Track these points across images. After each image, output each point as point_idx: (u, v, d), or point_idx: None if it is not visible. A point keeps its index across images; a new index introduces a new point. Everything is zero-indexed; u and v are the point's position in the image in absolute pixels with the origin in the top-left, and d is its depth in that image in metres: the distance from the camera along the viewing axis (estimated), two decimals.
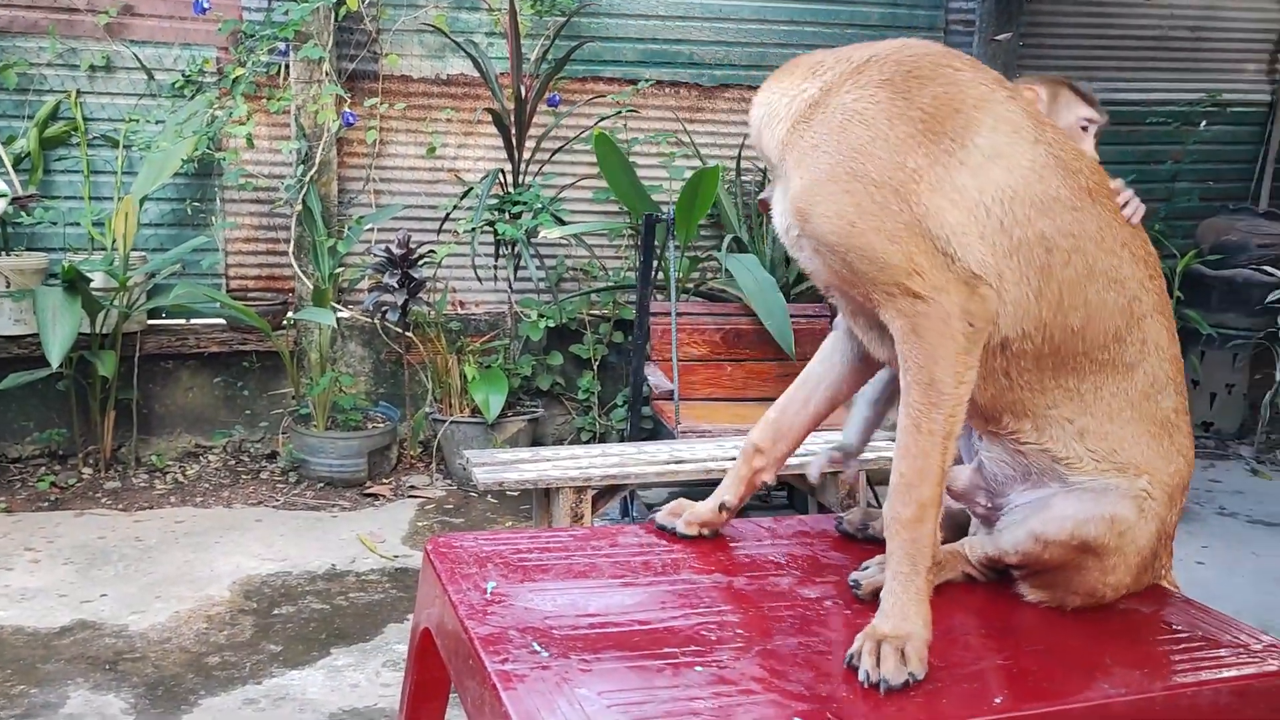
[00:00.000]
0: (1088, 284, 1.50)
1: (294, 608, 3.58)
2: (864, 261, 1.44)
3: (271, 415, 5.11)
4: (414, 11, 5.08)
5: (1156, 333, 1.56)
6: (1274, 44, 6.25)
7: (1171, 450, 1.57)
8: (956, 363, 1.43)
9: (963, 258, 1.42)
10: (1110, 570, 1.55)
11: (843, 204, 1.44)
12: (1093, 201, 1.51)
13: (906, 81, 1.46)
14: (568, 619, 1.48)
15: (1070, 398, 1.53)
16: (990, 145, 1.45)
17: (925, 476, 1.44)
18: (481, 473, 3.27)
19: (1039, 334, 1.49)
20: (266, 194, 5.05)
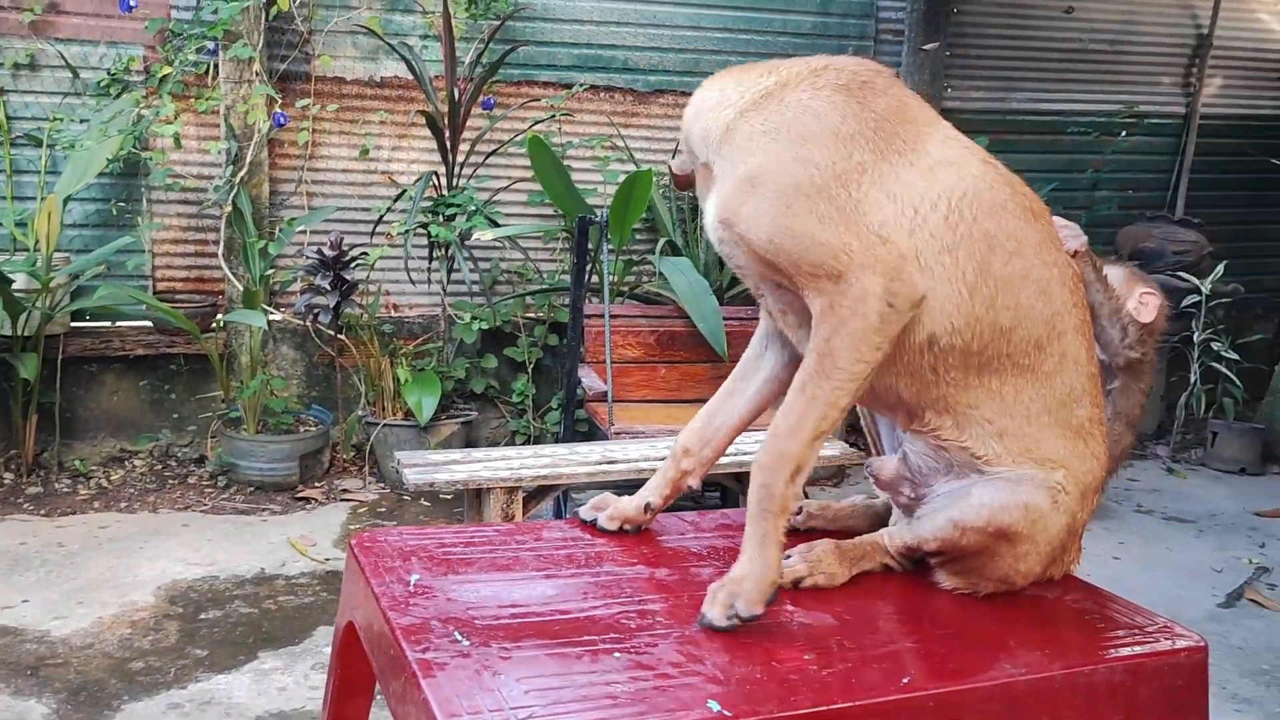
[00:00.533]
0: (1021, 287, 1.56)
1: (221, 612, 3.54)
2: (794, 240, 1.49)
3: (200, 419, 5.05)
4: (347, 13, 5.06)
5: (1075, 349, 1.62)
6: (1188, 58, 6.46)
7: (1086, 453, 1.64)
8: (860, 339, 1.47)
9: (894, 241, 1.49)
10: (1023, 557, 1.61)
11: (783, 184, 1.50)
12: (1035, 219, 1.61)
13: (862, 90, 1.55)
14: (490, 609, 1.50)
15: (992, 398, 1.58)
16: (941, 154, 1.55)
17: (794, 434, 1.50)
18: (412, 474, 3.27)
19: (969, 330, 1.53)
20: (195, 195, 4.99)
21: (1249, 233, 6.67)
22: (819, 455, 1.56)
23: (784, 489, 1.51)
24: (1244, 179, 6.63)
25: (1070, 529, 1.64)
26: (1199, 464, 5.67)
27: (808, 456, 1.51)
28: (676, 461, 1.85)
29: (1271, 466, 5.61)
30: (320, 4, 5.02)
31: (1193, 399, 5.63)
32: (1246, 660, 3.47)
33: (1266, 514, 4.92)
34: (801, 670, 1.38)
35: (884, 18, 5.89)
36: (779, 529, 1.52)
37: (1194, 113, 6.46)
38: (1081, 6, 6.15)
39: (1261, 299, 6.64)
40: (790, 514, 1.54)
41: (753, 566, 1.50)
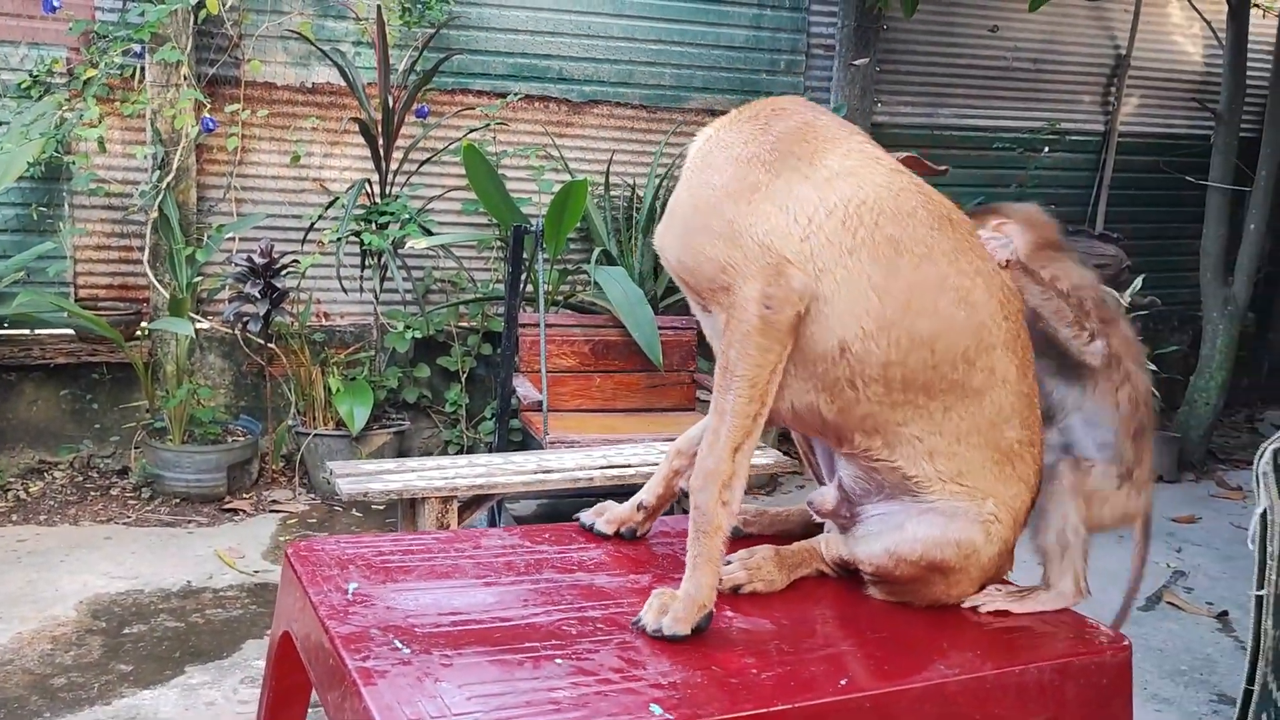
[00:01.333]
0: (938, 293, 1.54)
1: (146, 626, 3.46)
2: (693, 258, 1.56)
3: (123, 429, 4.93)
4: (278, 18, 5.00)
5: (1005, 366, 1.60)
6: (1107, 78, 6.66)
7: (1013, 477, 1.63)
8: (746, 343, 1.50)
9: (776, 248, 1.51)
10: (955, 584, 1.65)
11: (686, 208, 1.59)
12: (952, 227, 1.59)
13: (768, 118, 1.60)
14: (430, 617, 1.50)
15: (920, 415, 1.57)
16: (841, 167, 1.56)
17: (712, 449, 1.53)
18: (345, 484, 3.24)
19: (883, 335, 1.52)
20: (120, 200, 4.88)
21: (1164, 247, 6.89)
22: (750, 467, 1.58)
23: (714, 507, 1.52)
24: (1160, 195, 6.84)
25: (1003, 553, 1.66)
26: None
27: (731, 470, 1.52)
28: (670, 459, 1.86)
29: (1187, 474, 5.79)
30: (251, 8, 4.95)
31: None
32: (1166, 661, 3.58)
33: (1182, 520, 5.08)
34: (742, 674, 1.40)
35: (815, 33, 5.98)
36: (713, 549, 1.52)
37: (1113, 130, 6.66)
38: (1006, 26, 6.31)
39: (1177, 311, 6.86)
40: (726, 533, 1.54)
41: (686, 588, 1.52)
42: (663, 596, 1.52)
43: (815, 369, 1.54)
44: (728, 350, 1.52)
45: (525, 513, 4.73)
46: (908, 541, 1.60)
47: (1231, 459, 6.14)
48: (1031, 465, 1.66)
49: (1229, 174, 5.78)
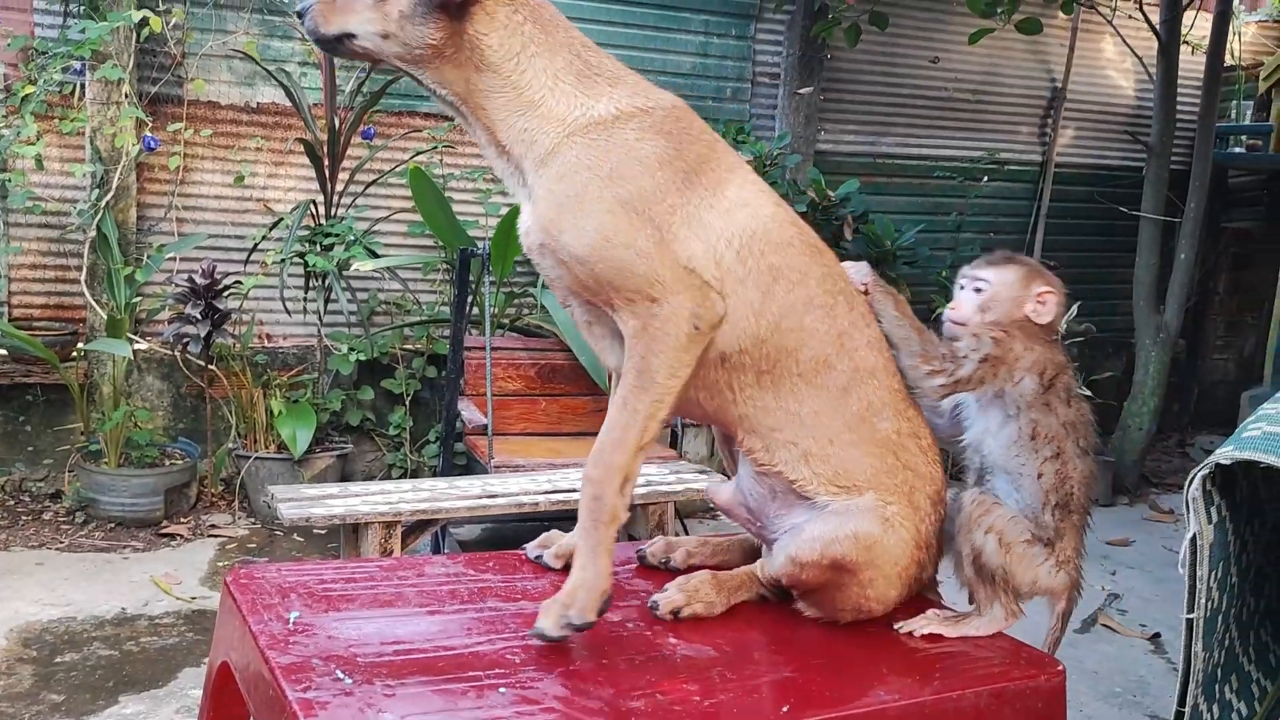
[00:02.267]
0: (805, 311, 1.67)
1: (79, 655, 3.38)
2: (612, 272, 1.60)
3: (57, 452, 4.82)
4: (223, 37, 4.96)
5: (870, 361, 1.71)
6: (1044, 110, 6.83)
7: (898, 465, 1.70)
8: (672, 357, 1.60)
9: (699, 271, 1.62)
10: (869, 584, 1.68)
11: (602, 221, 1.60)
12: (820, 254, 1.74)
13: (681, 137, 1.67)
14: (372, 647, 1.49)
15: (791, 420, 1.68)
16: (738, 197, 1.67)
17: (619, 446, 1.60)
18: (287, 508, 3.20)
19: (757, 349, 1.65)
20: (57, 218, 4.79)
21: (1099, 275, 7.05)
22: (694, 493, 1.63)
23: (614, 499, 1.60)
24: (1094, 225, 7.01)
25: (918, 543, 1.70)
26: None
27: (633, 467, 1.62)
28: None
29: (1121, 498, 5.91)
30: (195, 27, 4.90)
31: None
32: (1100, 683, 3.65)
33: (1116, 542, 5.18)
34: (685, 701, 1.41)
35: (760, 61, 6.06)
36: (610, 537, 1.60)
37: (1049, 161, 6.81)
38: (946, 58, 6.45)
39: (1111, 338, 7.02)
40: (622, 521, 1.62)
41: (585, 575, 1.57)
42: (554, 602, 1.56)
43: (699, 372, 1.64)
44: (648, 357, 1.60)
45: (470, 537, 4.71)
46: (806, 543, 1.66)
47: (1164, 483, 6.29)
48: (919, 454, 1.73)
49: (1160, 205, 5.94)
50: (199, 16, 4.90)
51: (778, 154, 5.64)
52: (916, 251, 5.97)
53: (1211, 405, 7.48)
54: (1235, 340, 7.57)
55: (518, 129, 1.67)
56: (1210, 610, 2.40)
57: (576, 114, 1.65)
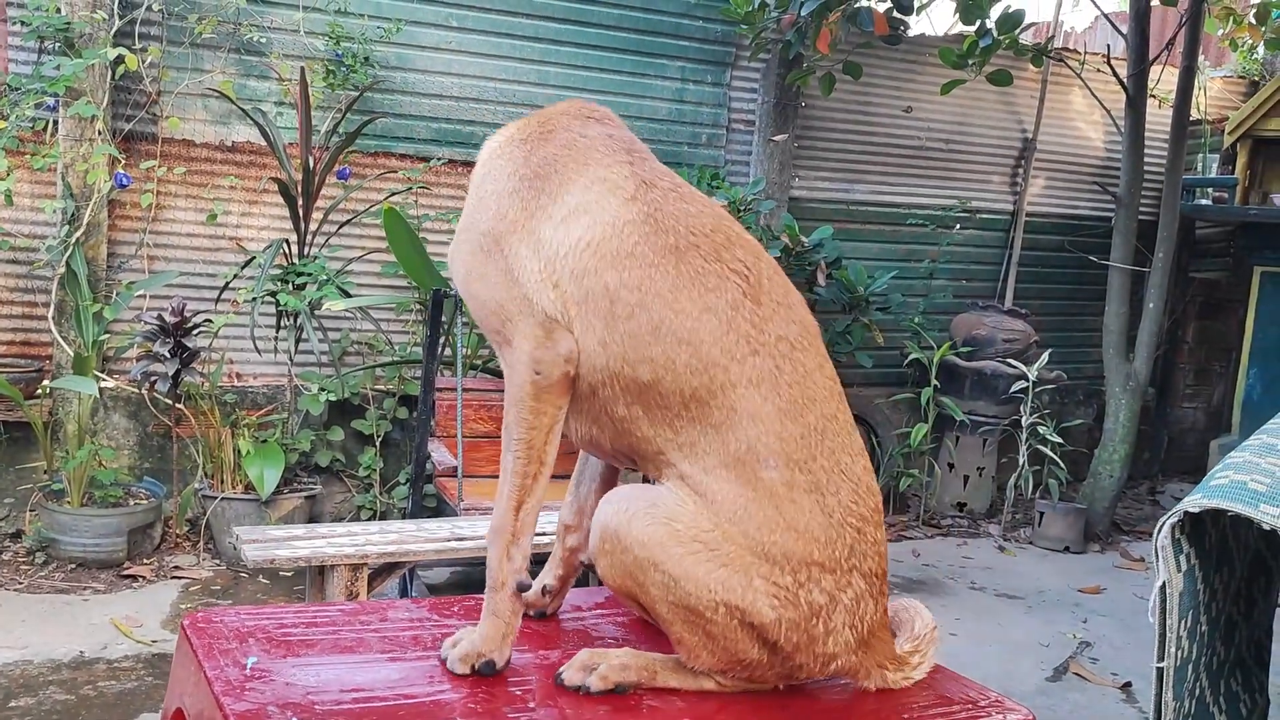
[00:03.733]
0: (652, 341, 1.49)
1: (34, 699, 3.30)
2: (476, 307, 1.57)
3: (18, 491, 4.74)
4: (199, 76, 4.95)
5: (751, 403, 1.50)
6: (1015, 160, 6.92)
7: (776, 518, 1.49)
8: (522, 408, 1.52)
9: (539, 302, 1.51)
10: (659, 584, 1.48)
11: (464, 252, 1.58)
12: (677, 261, 1.51)
13: (534, 140, 1.59)
14: (331, 694, 1.45)
15: (672, 447, 1.53)
16: (579, 202, 1.54)
17: (498, 505, 1.57)
18: (251, 550, 3.15)
19: (615, 382, 1.51)
20: (25, 254, 4.75)
21: (1069, 324, 7.13)
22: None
23: (499, 563, 1.56)
24: (1065, 273, 7.09)
25: (705, 545, 1.48)
26: (1028, 542, 5.95)
27: (514, 528, 1.56)
28: (562, 538, 1.83)
29: (1092, 545, 5.92)
30: (171, 65, 4.90)
31: (1021, 480, 5.92)
32: None
33: (1087, 590, 5.18)
34: None
35: (736, 108, 6.11)
36: (498, 603, 1.55)
37: (1020, 210, 6.89)
38: (919, 107, 6.53)
39: (1082, 386, 7.08)
40: (511, 588, 1.56)
41: (473, 632, 1.57)
42: (463, 632, 1.58)
43: (581, 405, 1.57)
44: (507, 410, 1.55)
45: (438, 580, 4.65)
46: (591, 531, 1.57)
47: (1135, 530, 6.31)
48: (813, 514, 1.50)
49: (1129, 255, 6.01)
50: (175, 55, 4.90)
51: (752, 200, 5.67)
52: (889, 298, 6.00)
53: (1181, 453, 7.53)
54: (1204, 389, 7.64)
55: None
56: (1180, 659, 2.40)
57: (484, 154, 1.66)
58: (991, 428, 6.26)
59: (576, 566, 1.82)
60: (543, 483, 1.56)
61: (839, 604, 1.53)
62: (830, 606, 1.52)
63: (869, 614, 1.56)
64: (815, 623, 1.51)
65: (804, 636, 1.51)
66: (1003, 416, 6.22)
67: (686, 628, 1.51)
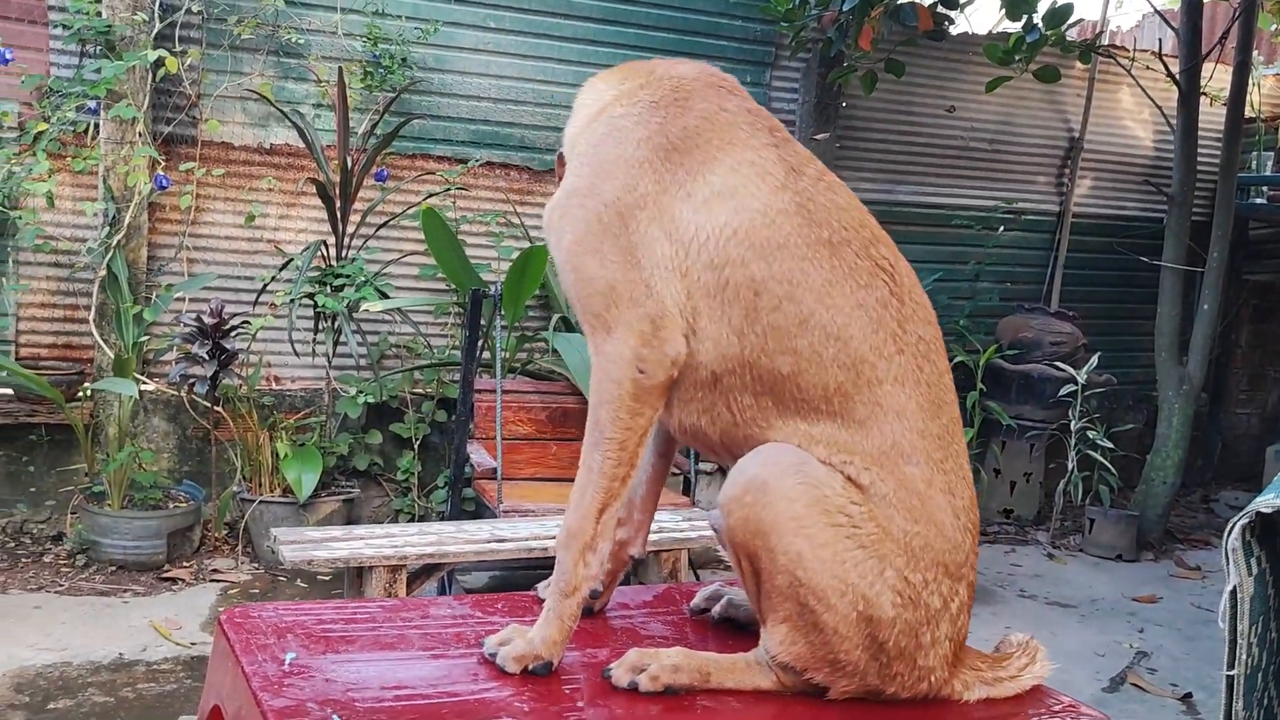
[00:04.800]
0: (799, 333, 1.43)
1: (73, 701, 3.27)
2: (578, 283, 1.47)
3: (60, 493, 4.74)
4: (238, 78, 4.95)
5: (897, 401, 1.45)
6: (1061, 160, 6.78)
7: (920, 510, 1.44)
8: (620, 407, 1.43)
9: (659, 292, 1.43)
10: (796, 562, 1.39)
11: (576, 219, 1.48)
12: (830, 254, 1.46)
13: (670, 108, 1.49)
14: (372, 691, 1.39)
15: (806, 440, 1.45)
16: (725, 185, 1.46)
17: (577, 508, 1.47)
18: (289, 550, 3.10)
19: (746, 372, 1.44)
20: (67, 257, 4.76)
21: (1119, 326, 6.96)
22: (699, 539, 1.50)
23: (573, 568, 1.47)
24: (1113, 275, 6.93)
25: (894, 587, 1.41)
26: (1077, 550, 5.80)
27: (594, 532, 1.47)
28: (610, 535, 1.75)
29: (1145, 553, 5.76)
30: (211, 68, 4.90)
31: (1070, 486, 5.77)
32: None
33: (1143, 599, 5.03)
34: None
35: (776, 108, 6.03)
36: (566, 608, 1.47)
37: (1067, 211, 6.76)
38: (963, 106, 6.42)
39: (1131, 390, 6.91)
40: (583, 595, 1.48)
41: (531, 634, 1.48)
42: (514, 631, 1.49)
43: (695, 394, 1.48)
44: (598, 408, 1.45)
45: (477, 585, 4.59)
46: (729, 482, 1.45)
47: (1189, 538, 6.14)
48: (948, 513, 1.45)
49: (1182, 255, 5.86)
50: (215, 58, 4.90)
51: None
52: (933, 300, 5.87)
53: (1235, 460, 7.34)
54: (1258, 394, 7.45)
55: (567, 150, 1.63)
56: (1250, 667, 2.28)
57: (591, 108, 1.58)
58: (1039, 433, 6.12)
59: (625, 561, 1.75)
60: (628, 485, 1.48)
61: (947, 612, 1.47)
62: (941, 614, 1.46)
63: (963, 628, 1.51)
64: (925, 630, 1.45)
65: (911, 642, 1.44)
66: (1050, 421, 6.08)
67: (796, 608, 1.42)
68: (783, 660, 1.46)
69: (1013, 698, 1.56)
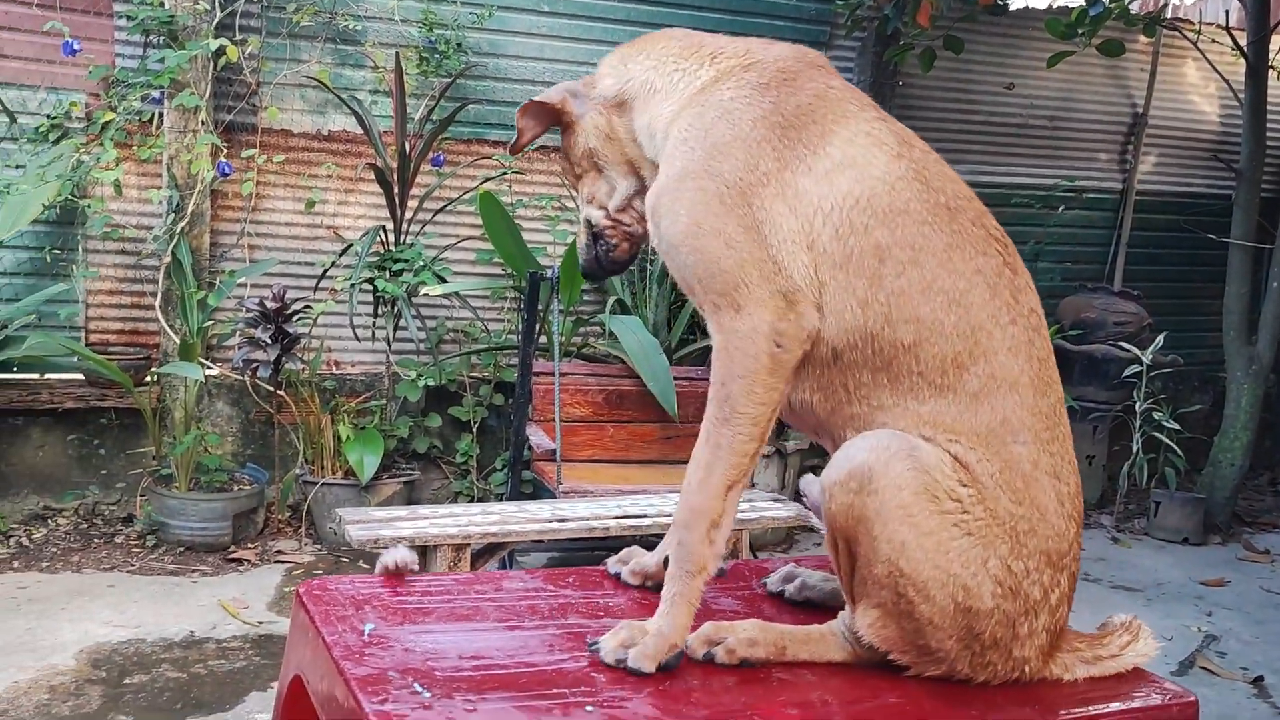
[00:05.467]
0: (921, 299, 1.43)
1: (147, 676, 3.35)
2: (701, 265, 1.45)
3: (129, 476, 4.84)
4: (296, 65, 5.00)
5: (1010, 372, 1.44)
6: (1124, 136, 6.65)
7: (1025, 493, 1.42)
8: (755, 382, 1.41)
9: (788, 267, 1.42)
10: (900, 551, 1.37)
11: (694, 201, 1.46)
12: (949, 219, 1.46)
13: (780, 88, 1.49)
14: (450, 660, 1.40)
15: (913, 418, 1.44)
16: (843, 156, 1.46)
17: (702, 487, 1.44)
18: (355, 530, 3.15)
19: (867, 345, 1.43)
20: (133, 244, 4.85)
21: (1184, 306, 6.82)
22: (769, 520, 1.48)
23: (699, 547, 1.44)
24: (1179, 253, 6.79)
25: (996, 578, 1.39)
26: (1142, 533, 5.70)
27: (721, 509, 1.44)
28: None
29: (1213, 536, 5.65)
30: (270, 56, 4.96)
31: (1135, 469, 5.67)
32: None
33: (1211, 583, 4.94)
34: None
35: None
36: (694, 590, 1.44)
37: (1130, 188, 6.62)
38: (1022, 83, 6.31)
39: (1198, 370, 6.76)
40: (710, 574, 1.46)
41: (659, 624, 1.44)
42: (631, 629, 1.44)
43: (813, 371, 1.47)
44: (729, 383, 1.43)
45: (536, 565, 4.62)
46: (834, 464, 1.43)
47: (1257, 522, 6.01)
48: (1052, 498, 1.43)
49: (1250, 231, 5.72)
50: (274, 45, 4.96)
51: None
52: None
53: None
54: None
55: (644, 131, 1.61)
56: None
57: (683, 88, 1.56)
58: (1102, 414, 6.02)
59: None
60: (757, 461, 1.47)
61: (1047, 604, 1.45)
62: (1040, 605, 1.44)
63: (1062, 618, 1.48)
64: (1023, 621, 1.43)
65: (1008, 633, 1.42)
66: (1114, 402, 5.98)
67: (893, 597, 1.40)
68: (869, 642, 1.45)
69: (1112, 677, 1.53)
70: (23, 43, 4.64)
